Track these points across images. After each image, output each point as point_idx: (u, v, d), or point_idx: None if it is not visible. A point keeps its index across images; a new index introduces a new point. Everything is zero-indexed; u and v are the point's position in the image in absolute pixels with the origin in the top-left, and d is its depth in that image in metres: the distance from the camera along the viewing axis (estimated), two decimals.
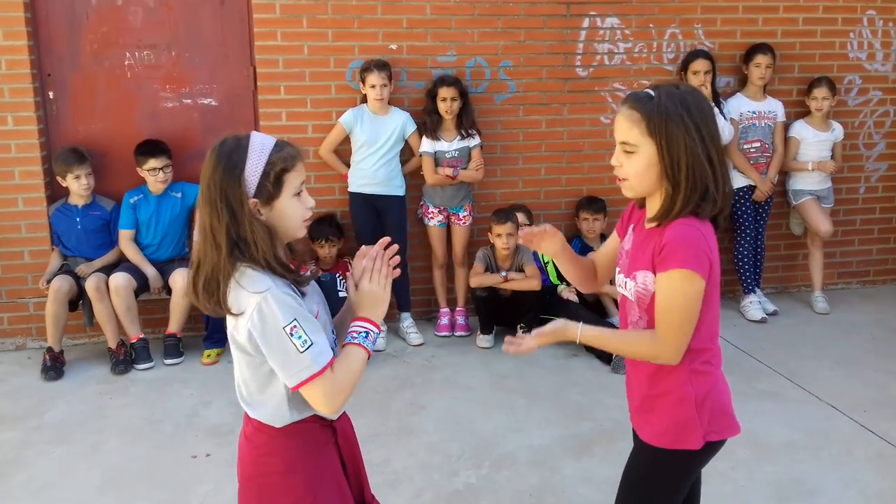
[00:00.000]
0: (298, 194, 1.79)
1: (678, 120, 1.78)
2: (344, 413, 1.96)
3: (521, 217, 4.92)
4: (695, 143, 1.79)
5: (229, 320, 1.76)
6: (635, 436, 2.07)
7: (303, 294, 1.78)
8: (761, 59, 5.17)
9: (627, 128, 1.84)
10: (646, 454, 1.99)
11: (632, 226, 2.02)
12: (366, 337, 1.80)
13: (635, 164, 1.85)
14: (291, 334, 1.68)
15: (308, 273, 1.85)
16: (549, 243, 2.14)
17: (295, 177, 1.77)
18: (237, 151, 1.73)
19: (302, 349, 1.68)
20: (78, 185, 4.58)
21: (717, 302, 1.92)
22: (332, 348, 1.78)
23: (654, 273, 1.85)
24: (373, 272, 1.85)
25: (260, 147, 1.75)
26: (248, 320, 1.69)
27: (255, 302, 1.69)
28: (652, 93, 1.83)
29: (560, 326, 1.95)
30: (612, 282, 2.17)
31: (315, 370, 1.69)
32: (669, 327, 1.83)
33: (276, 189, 1.75)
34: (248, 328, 1.70)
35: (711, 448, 1.94)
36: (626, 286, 1.97)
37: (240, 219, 1.70)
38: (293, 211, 1.79)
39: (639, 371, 2.00)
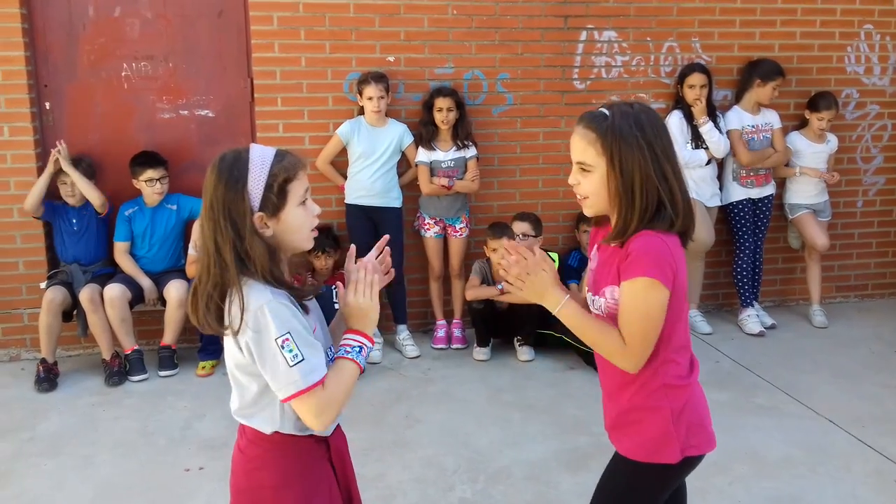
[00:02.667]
0: (303, 203, 1.77)
1: (631, 139, 1.80)
2: (338, 428, 1.94)
3: (526, 226, 4.78)
4: (647, 162, 1.80)
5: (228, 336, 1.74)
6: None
7: (305, 309, 1.76)
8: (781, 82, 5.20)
9: (583, 148, 1.86)
10: (623, 466, 1.98)
11: (596, 245, 2.03)
12: (359, 352, 1.79)
13: (593, 182, 1.87)
14: (283, 346, 1.66)
15: (309, 286, 1.83)
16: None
17: (298, 186, 1.76)
18: (238, 166, 1.71)
19: (292, 363, 1.66)
20: (63, 190, 4.64)
21: (685, 313, 1.92)
22: (329, 364, 1.76)
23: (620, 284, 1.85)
24: (358, 283, 1.82)
25: (261, 159, 1.73)
26: (245, 331, 1.68)
27: (252, 313, 1.67)
28: (606, 112, 1.85)
29: (543, 289, 1.88)
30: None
31: (302, 386, 1.67)
32: (633, 337, 1.83)
33: (280, 200, 1.73)
34: (245, 339, 1.69)
35: (689, 462, 1.94)
36: (595, 304, 1.97)
37: (242, 234, 1.69)
38: (300, 221, 1.77)
39: (611, 387, 2.01)
